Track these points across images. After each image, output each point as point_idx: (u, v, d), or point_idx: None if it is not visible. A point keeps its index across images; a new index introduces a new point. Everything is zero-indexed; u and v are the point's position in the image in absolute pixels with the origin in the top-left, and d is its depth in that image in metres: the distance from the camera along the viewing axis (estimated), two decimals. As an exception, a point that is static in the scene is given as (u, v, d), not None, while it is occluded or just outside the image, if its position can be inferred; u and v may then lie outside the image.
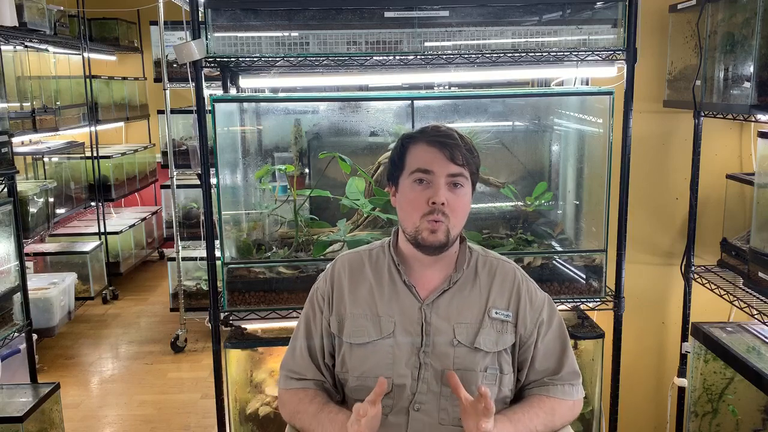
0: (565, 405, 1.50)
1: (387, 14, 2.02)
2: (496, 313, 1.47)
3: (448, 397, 1.43)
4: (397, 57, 2.07)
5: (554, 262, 2.19)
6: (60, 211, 4.51)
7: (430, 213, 1.40)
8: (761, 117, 1.93)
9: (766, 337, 2.07)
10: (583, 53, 2.07)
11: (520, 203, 2.28)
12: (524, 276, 1.55)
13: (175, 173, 4.17)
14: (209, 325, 2.14)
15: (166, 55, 4.07)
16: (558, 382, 1.49)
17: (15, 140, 3.41)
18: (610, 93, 2.06)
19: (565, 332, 1.54)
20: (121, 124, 5.87)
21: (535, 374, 1.51)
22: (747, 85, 1.93)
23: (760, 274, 1.98)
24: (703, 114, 2.23)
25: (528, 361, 1.50)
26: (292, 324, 2.16)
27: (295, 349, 1.55)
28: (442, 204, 1.39)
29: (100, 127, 5.17)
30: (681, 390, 2.43)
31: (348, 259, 1.56)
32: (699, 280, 2.30)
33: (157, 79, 4.89)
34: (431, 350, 1.44)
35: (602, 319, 2.26)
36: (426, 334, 1.45)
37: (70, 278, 4.12)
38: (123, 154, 5.44)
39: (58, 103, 4.46)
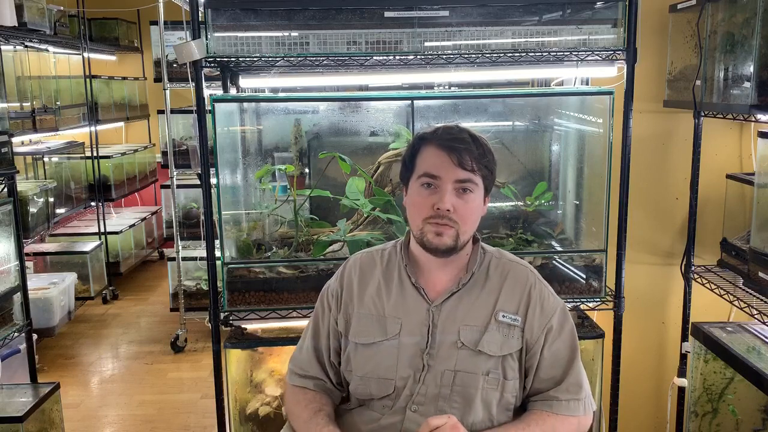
0: (567, 423, 1.44)
1: (387, 14, 2.02)
2: (504, 316, 1.44)
3: (447, 398, 1.42)
4: (397, 57, 2.07)
5: (554, 262, 2.19)
6: (60, 211, 4.51)
7: (434, 217, 1.38)
8: (761, 117, 1.93)
9: (766, 337, 2.07)
10: (583, 53, 2.07)
11: (520, 203, 2.28)
12: (538, 280, 1.50)
13: (175, 173, 4.17)
14: (209, 325, 2.14)
15: (166, 55, 4.07)
16: (562, 396, 1.44)
17: (15, 140, 3.41)
18: (610, 93, 2.06)
19: (576, 343, 1.48)
20: (121, 124, 5.87)
21: (540, 382, 1.46)
22: (747, 85, 1.93)
23: (760, 274, 1.98)
24: (703, 114, 2.23)
25: (534, 368, 1.45)
26: (292, 324, 2.17)
27: (303, 345, 1.58)
28: (448, 210, 1.37)
29: (100, 127, 5.17)
30: (681, 390, 2.43)
31: (360, 259, 1.56)
32: (699, 280, 2.30)
33: (157, 79, 4.89)
34: (435, 352, 1.43)
35: (602, 319, 2.26)
36: (432, 336, 1.44)
37: (70, 278, 4.12)
38: (123, 154, 5.44)
39: (58, 103, 4.46)
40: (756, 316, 1.98)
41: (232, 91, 2.52)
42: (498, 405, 1.43)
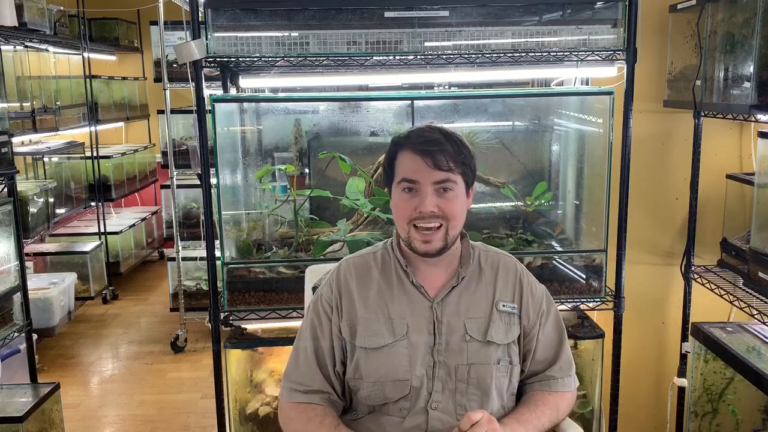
0: (564, 398, 1.53)
1: (387, 14, 2.02)
2: (503, 306, 1.49)
3: (464, 392, 1.44)
4: (397, 57, 2.07)
5: (554, 262, 2.19)
6: (60, 211, 4.51)
7: (419, 218, 1.40)
8: (761, 117, 1.93)
9: (766, 337, 2.07)
10: (583, 53, 2.07)
11: (520, 203, 2.28)
12: (523, 268, 1.57)
13: (175, 173, 4.17)
14: (209, 325, 2.14)
15: (166, 55, 4.07)
16: (557, 375, 1.52)
17: (15, 140, 3.41)
18: (610, 93, 2.06)
19: (562, 322, 1.56)
20: (121, 124, 5.87)
21: (536, 365, 1.53)
22: (747, 85, 1.93)
23: (760, 274, 1.98)
24: (703, 114, 2.23)
25: (531, 351, 1.52)
26: (292, 324, 2.17)
27: (298, 358, 1.50)
28: (431, 212, 1.40)
29: (100, 127, 5.17)
30: (681, 390, 2.43)
31: (353, 263, 1.54)
32: (699, 280, 2.30)
33: (157, 79, 4.89)
34: (444, 348, 1.44)
35: (602, 319, 2.26)
36: (438, 332, 1.45)
37: (70, 278, 4.11)
38: (123, 154, 5.44)
39: (58, 103, 4.46)
40: (756, 316, 1.98)
41: (232, 91, 2.52)
42: (507, 391, 1.48)
